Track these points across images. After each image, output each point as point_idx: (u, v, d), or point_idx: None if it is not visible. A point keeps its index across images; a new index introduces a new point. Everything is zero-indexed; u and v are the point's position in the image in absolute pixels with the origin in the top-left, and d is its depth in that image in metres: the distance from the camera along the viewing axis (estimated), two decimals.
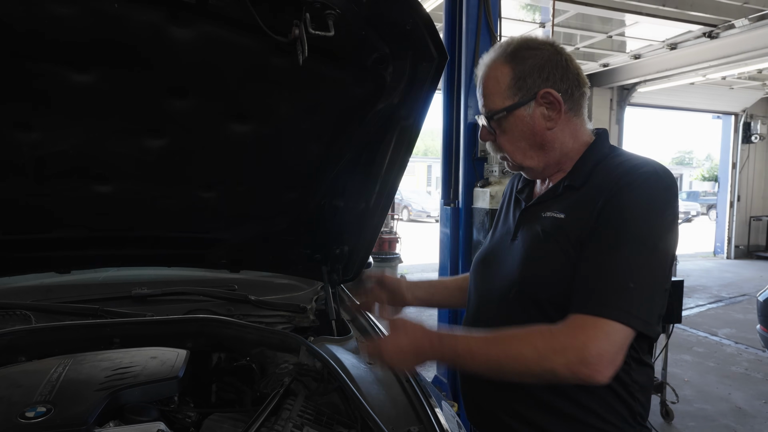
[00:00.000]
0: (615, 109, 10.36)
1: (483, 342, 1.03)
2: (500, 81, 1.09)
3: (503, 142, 1.13)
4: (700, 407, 4.02)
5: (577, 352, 0.92)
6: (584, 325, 0.94)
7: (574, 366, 0.92)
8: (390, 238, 7.72)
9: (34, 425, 1.07)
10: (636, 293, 0.94)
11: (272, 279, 2.16)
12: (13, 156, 1.22)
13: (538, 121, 1.09)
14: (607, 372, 0.92)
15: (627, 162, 1.06)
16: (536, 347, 0.96)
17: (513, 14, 7.08)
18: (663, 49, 7.90)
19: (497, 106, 1.09)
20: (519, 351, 0.97)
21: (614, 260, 0.96)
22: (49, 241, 1.48)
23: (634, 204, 0.99)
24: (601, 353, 0.91)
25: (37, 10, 0.92)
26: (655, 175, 1.01)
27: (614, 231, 0.98)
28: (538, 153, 1.12)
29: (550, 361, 0.94)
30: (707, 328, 6.28)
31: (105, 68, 1.07)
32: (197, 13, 0.97)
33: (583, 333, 0.93)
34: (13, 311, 1.65)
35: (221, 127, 1.25)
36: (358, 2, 0.98)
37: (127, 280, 1.96)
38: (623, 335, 0.93)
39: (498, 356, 0.99)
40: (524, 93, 1.08)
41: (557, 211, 1.06)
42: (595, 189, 1.04)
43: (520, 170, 1.18)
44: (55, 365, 1.31)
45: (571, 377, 0.93)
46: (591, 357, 0.91)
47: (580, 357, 0.92)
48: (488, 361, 1.00)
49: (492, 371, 1.01)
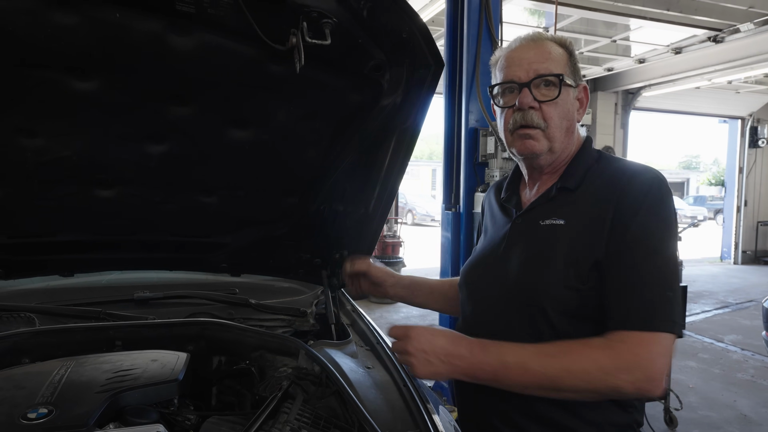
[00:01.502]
0: (620, 113, 10.34)
1: (537, 355, 1.00)
2: (560, 56, 1.11)
3: (549, 110, 1.09)
4: (705, 414, 4.00)
5: (644, 370, 0.94)
6: (643, 341, 0.95)
7: (641, 383, 0.94)
8: (393, 242, 7.73)
9: (35, 426, 1.09)
10: (674, 301, 0.98)
11: (273, 283, 2.17)
12: (17, 161, 1.24)
13: (575, 108, 1.13)
14: (663, 384, 0.96)
15: (626, 169, 1.08)
16: (601, 365, 0.96)
17: (517, 19, 7.10)
18: (668, 53, 7.89)
19: (559, 71, 1.09)
20: (581, 367, 0.97)
21: (649, 272, 0.99)
22: (53, 244, 1.51)
23: (652, 215, 1.01)
24: (663, 368, 0.95)
25: (41, 19, 0.94)
26: (658, 181, 1.04)
27: (642, 244, 1.00)
28: (565, 136, 1.13)
29: (616, 378, 0.95)
30: (713, 334, 6.23)
31: (106, 76, 1.09)
32: (196, 22, 0.99)
33: (645, 350, 0.95)
34: (18, 314, 1.67)
35: (221, 133, 1.27)
36: (354, 11, 0.99)
37: (129, 283, 1.98)
38: (672, 344, 0.97)
39: (557, 371, 0.97)
40: (576, 78, 1.13)
41: (556, 218, 1.08)
42: (597, 196, 1.05)
43: (534, 154, 1.13)
44: (57, 367, 1.33)
45: (635, 393, 0.96)
46: (656, 373, 0.94)
47: (647, 375, 0.94)
48: (544, 375, 0.98)
49: (546, 386, 0.99)
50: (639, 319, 0.96)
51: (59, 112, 1.14)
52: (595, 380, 0.96)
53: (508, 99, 1.12)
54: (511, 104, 1.11)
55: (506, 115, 1.13)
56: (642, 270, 0.99)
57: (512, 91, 1.12)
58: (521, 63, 1.10)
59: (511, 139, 1.14)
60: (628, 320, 0.97)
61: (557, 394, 1.00)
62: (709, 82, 8.97)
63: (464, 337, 1.05)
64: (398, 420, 1.31)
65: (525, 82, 1.08)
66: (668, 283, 0.98)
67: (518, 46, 1.13)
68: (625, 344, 0.96)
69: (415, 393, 1.39)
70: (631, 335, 0.96)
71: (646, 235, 1.00)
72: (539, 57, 1.09)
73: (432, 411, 1.33)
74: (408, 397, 1.38)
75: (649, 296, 0.98)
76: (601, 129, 10.16)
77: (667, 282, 0.98)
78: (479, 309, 1.19)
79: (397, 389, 1.43)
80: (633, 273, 0.99)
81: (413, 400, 1.36)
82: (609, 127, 10.29)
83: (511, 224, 1.17)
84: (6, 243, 1.47)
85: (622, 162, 1.12)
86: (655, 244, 1.00)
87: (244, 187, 1.49)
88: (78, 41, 0.99)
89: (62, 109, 1.14)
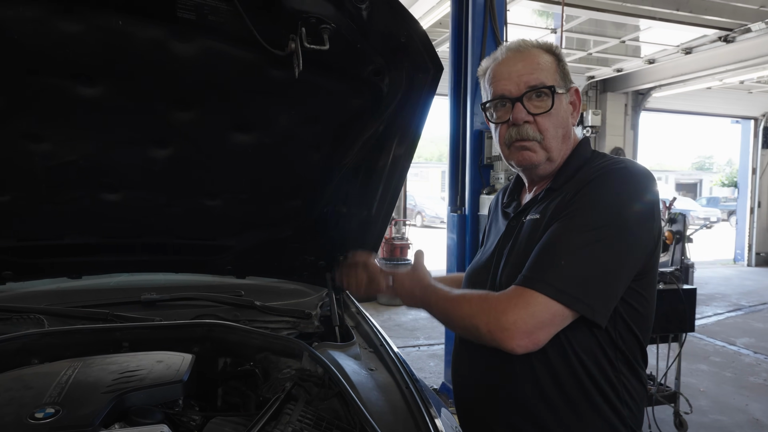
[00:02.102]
0: (630, 114, 10.26)
1: (443, 298, 1.13)
2: (549, 64, 1.11)
3: (545, 121, 1.09)
4: (716, 418, 3.95)
5: (497, 315, 0.97)
6: (513, 294, 0.99)
7: (492, 327, 0.98)
8: (401, 244, 7.73)
9: (42, 426, 1.11)
10: (567, 271, 0.96)
11: (279, 285, 2.19)
12: (25, 166, 1.27)
13: (569, 113, 1.14)
14: (521, 341, 0.96)
15: (605, 161, 1.09)
16: (472, 306, 1.04)
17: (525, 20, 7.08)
18: (678, 53, 7.83)
19: (551, 82, 1.09)
20: (461, 307, 1.06)
21: (556, 239, 1.00)
22: (61, 247, 1.53)
23: (594, 192, 1.01)
24: (516, 321, 0.95)
25: (46, 28, 0.96)
26: (625, 170, 1.03)
27: (568, 215, 1.01)
28: (562, 143, 1.13)
29: (476, 319, 1.01)
30: (725, 337, 6.16)
31: (111, 82, 1.11)
32: (197, 29, 1.01)
33: (508, 300, 0.98)
34: (27, 315, 1.70)
35: (224, 137, 1.29)
36: (352, 16, 1.00)
37: (137, 285, 2.01)
38: (546, 308, 0.95)
39: (447, 310, 1.11)
40: (566, 83, 1.12)
41: (534, 213, 1.09)
42: (571, 186, 1.06)
43: (533, 165, 1.14)
44: (65, 368, 1.35)
45: (489, 339, 0.99)
46: (507, 323, 0.96)
47: (499, 322, 0.97)
48: (442, 312, 1.13)
49: (444, 321, 1.16)
50: (524, 276, 1.00)
51: (65, 117, 1.17)
52: (466, 318, 1.04)
53: (501, 114, 1.12)
54: (504, 119, 1.11)
55: (501, 130, 1.13)
56: (551, 237, 1.01)
57: (504, 106, 1.11)
58: (510, 76, 1.09)
59: (508, 153, 1.14)
60: (519, 276, 1.02)
61: (450, 328, 1.18)
62: (721, 82, 8.88)
63: (424, 282, 1.19)
64: (400, 422, 1.31)
65: (517, 97, 1.08)
66: (572, 254, 0.97)
67: (505, 59, 1.12)
68: (499, 294, 1.02)
69: (418, 395, 1.39)
70: (511, 288, 1.01)
71: (579, 209, 1.00)
72: (528, 68, 1.08)
73: (434, 414, 1.34)
74: (410, 399, 1.39)
75: (540, 259, 0.99)
76: (610, 130, 10.08)
77: (570, 252, 0.97)
78: None
79: (400, 391, 1.44)
80: (547, 238, 1.02)
81: (415, 402, 1.36)
82: (619, 128, 10.21)
83: (506, 226, 1.18)
84: (15, 246, 1.50)
85: (609, 158, 1.12)
86: (583, 219, 0.99)
87: (248, 191, 1.51)
88: (83, 48, 1.01)
89: (68, 115, 1.16)
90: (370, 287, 1.51)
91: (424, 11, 5.43)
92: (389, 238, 7.84)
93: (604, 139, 10.12)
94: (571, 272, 0.95)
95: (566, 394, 1.04)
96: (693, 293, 3.37)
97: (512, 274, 1.07)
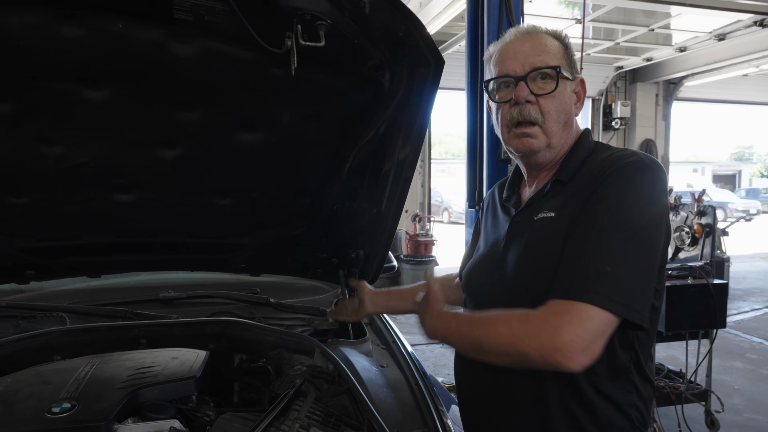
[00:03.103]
0: (661, 104, 9.96)
1: (469, 321, 1.04)
2: (556, 49, 1.09)
3: (547, 104, 1.07)
4: (751, 417, 3.81)
5: (549, 336, 0.90)
6: (559, 310, 0.91)
7: (547, 351, 0.90)
8: (426, 241, 7.70)
9: (58, 420, 1.15)
10: (613, 277, 0.91)
11: (295, 282, 2.21)
12: (40, 169, 1.31)
13: (572, 101, 1.11)
14: (580, 359, 0.89)
15: (614, 153, 1.05)
16: (513, 330, 0.94)
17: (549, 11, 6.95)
18: (710, 40, 7.55)
19: (556, 63, 1.07)
20: (498, 332, 0.97)
21: (592, 245, 0.94)
22: (79, 247, 1.58)
23: (616, 191, 0.97)
24: (573, 339, 0.88)
25: (49, 33, 0.99)
26: (640, 163, 1.00)
27: (595, 217, 0.96)
28: (563, 131, 1.10)
29: (523, 343, 0.92)
30: (763, 333, 5.93)
31: (116, 84, 1.13)
32: (195, 30, 1.02)
33: (557, 318, 0.91)
34: (51, 313, 1.76)
35: (229, 136, 1.30)
36: (348, 12, 1.00)
37: (156, 283, 2.05)
38: (599, 320, 0.90)
39: (479, 336, 1.00)
40: (572, 71, 1.11)
41: (547, 211, 1.05)
42: (584, 182, 1.03)
43: (532, 151, 1.11)
44: (83, 364, 1.39)
45: (543, 363, 0.91)
46: (563, 342, 0.88)
47: (554, 343, 0.89)
48: (471, 339, 1.01)
49: (475, 349, 1.01)
50: (565, 288, 0.93)
51: (74, 120, 1.20)
52: (507, 344, 0.94)
53: (504, 94, 1.10)
54: (507, 99, 1.09)
55: (503, 111, 1.10)
56: (585, 242, 0.95)
57: (508, 86, 1.09)
58: (516, 56, 1.07)
59: (508, 137, 1.11)
60: (558, 290, 0.94)
61: (485, 357, 1.00)
62: (758, 69, 8.53)
63: (440, 311, 1.10)
64: (408, 419, 1.31)
65: (521, 76, 1.06)
66: (613, 259, 0.92)
67: (513, 40, 1.10)
68: (543, 312, 0.93)
69: (426, 392, 1.38)
70: (552, 303, 0.93)
71: (602, 210, 0.96)
72: (535, 50, 1.07)
73: (442, 410, 1.33)
74: (419, 396, 1.38)
75: (583, 268, 0.93)
76: (641, 121, 9.81)
77: (611, 258, 0.92)
78: (481, 309, 1.18)
79: (409, 388, 1.44)
80: (579, 244, 0.96)
81: (424, 399, 1.36)
82: (650, 120, 9.93)
83: (510, 222, 1.15)
84: (36, 246, 1.55)
85: (615, 149, 1.09)
86: (612, 220, 0.95)
87: (257, 189, 1.52)
88: (86, 52, 1.04)
89: (77, 118, 1.19)
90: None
91: (444, 5, 5.39)
92: (413, 235, 7.82)
93: (633, 130, 9.86)
94: (616, 278, 0.92)
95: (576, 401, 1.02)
96: (724, 288, 3.25)
97: (528, 277, 1.05)
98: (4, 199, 1.38)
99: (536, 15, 6.60)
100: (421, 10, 5.87)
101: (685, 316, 3.18)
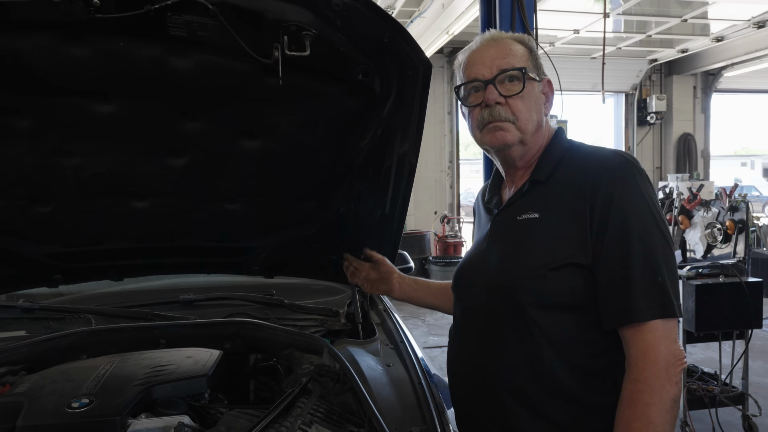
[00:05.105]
0: (699, 97, 9.61)
1: None
2: (522, 52, 1.13)
3: (516, 104, 1.10)
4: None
5: (665, 370, 0.95)
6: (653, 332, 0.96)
7: (673, 379, 0.95)
8: (455, 242, 7.67)
9: (76, 414, 1.23)
10: (666, 285, 0.97)
11: (311, 283, 2.27)
12: (61, 179, 1.40)
13: (541, 101, 1.14)
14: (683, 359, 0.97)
15: (594, 157, 1.07)
16: (643, 400, 0.95)
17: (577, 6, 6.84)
18: (749, 28, 7.25)
19: (523, 65, 1.11)
20: (646, 417, 0.95)
21: (634, 265, 0.98)
22: (101, 252, 1.68)
23: (627, 204, 1.00)
24: (673, 352, 0.95)
25: (58, 53, 1.07)
26: (627, 166, 1.02)
27: (622, 237, 0.99)
28: (535, 129, 1.14)
29: (659, 396, 0.94)
30: None
31: (123, 98, 1.21)
32: (190, 44, 1.08)
33: (657, 340, 0.96)
34: (78, 315, 1.88)
35: (232, 144, 1.36)
36: (331, 21, 1.04)
37: (176, 286, 2.15)
38: (675, 325, 0.98)
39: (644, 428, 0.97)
40: (539, 72, 1.14)
41: (530, 212, 1.07)
42: (571, 190, 1.04)
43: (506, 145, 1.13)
44: (104, 363, 1.48)
45: (676, 388, 0.96)
46: (671, 357, 0.95)
47: (667, 372, 0.95)
48: None
49: None
50: (634, 310, 0.97)
51: (88, 133, 1.28)
52: (660, 415, 0.94)
53: (474, 98, 1.13)
54: (477, 102, 1.12)
55: (474, 114, 1.14)
56: (626, 264, 0.98)
57: (477, 90, 1.13)
58: (483, 61, 1.11)
59: (480, 136, 1.14)
60: (625, 314, 0.97)
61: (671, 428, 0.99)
62: None
63: None
64: (408, 416, 1.34)
65: (489, 79, 1.10)
66: (661, 267, 0.98)
67: (479, 47, 1.15)
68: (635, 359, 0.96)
69: (428, 391, 1.40)
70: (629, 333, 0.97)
71: (625, 227, 0.98)
72: (500, 53, 1.11)
73: (443, 409, 1.35)
74: (420, 394, 1.40)
75: (635, 289, 0.97)
76: (678, 115, 9.49)
77: (656, 268, 0.98)
78: (466, 310, 1.20)
79: (412, 387, 1.46)
80: (620, 264, 0.99)
81: (425, 397, 1.38)
82: (687, 113, 9.59)
83: (491, 222, 1.17)
84: (62, 252, 1.66)
85: (589, 149, 1.11)
86: (636, 234, 0.98)
87: (264, 194, 1.58)
88: (93, 70, 1.12)
89: (90, 131, 1.28)
90: (382, 286, 1.59)
91: (466, 5, 5.38)
92: (442, 236, 7.81)
93: (670, 125, 9.55)
94: (669, 285, 0.98)
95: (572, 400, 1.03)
96: (759, 286, 3.12)
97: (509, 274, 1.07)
98: (31, 208, 1.49)
99: (560, 10, 6.50)
100: (443, 11, 5.87)
101: (716, 316, 3.08)
